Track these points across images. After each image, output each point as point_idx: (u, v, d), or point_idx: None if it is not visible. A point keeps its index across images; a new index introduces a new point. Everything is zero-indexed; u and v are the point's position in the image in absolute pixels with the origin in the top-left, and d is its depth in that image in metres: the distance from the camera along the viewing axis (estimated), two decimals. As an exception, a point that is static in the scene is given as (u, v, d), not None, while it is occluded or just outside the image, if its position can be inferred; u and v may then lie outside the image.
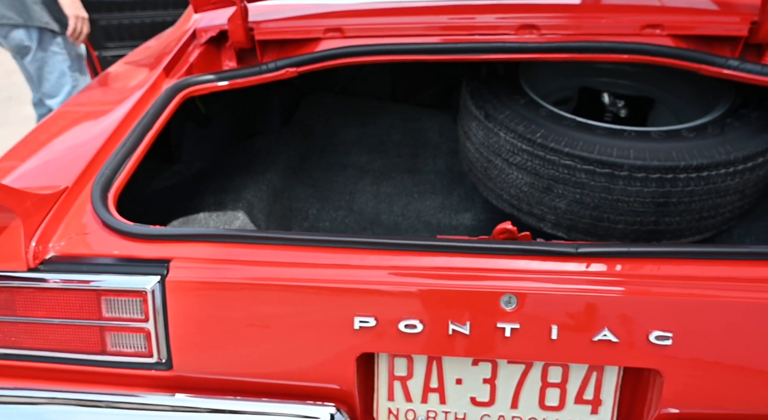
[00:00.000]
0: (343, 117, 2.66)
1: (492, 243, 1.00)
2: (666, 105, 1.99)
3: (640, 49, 1.45)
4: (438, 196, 2.27)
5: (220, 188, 2.06)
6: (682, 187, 1.44)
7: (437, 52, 1.52)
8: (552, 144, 1.52)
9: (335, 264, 1.01)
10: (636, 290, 0.95)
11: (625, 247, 0.98)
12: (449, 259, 1.00)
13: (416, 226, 2.16)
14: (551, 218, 1.66)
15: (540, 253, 0.99)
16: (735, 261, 1.00)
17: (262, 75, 1.61)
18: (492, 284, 0.97)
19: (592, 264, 0.98)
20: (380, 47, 1.55)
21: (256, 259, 1.03)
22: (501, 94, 1.72)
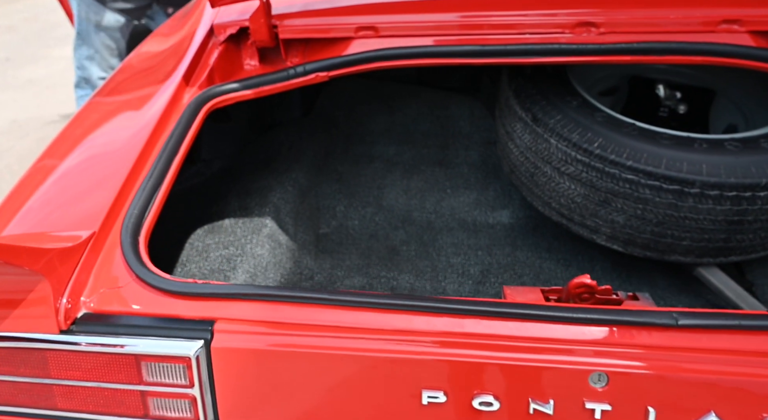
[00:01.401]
0: (367, 105, 2.50)
1: (576, 312, 0.89)
2: (728, 97, 1.82)
3: (716, 50, 1.28)
4: (472, 192, 2.14)
5: (244, 190, 1.95)
6: (761, 204, 1.30)
7: (484, 54, 1.36)
8: (612, 156, 1.38)
9: (400, 329, 0.91)
10: (747, 370, 0.84)
11: (734, 318, 0.86)
12: (527, 326, 0.89)
13: (450, 225, 2.05)
14: (606, 231, 1.54)
15: (633, 324, 0.88)
16: None
17: (290, 81, 1.47)
18: (579, 359, 0.86)
19: (694, 337, 0.87)
20: (421, 50, 1.39)
21: (310, 321, 0.93)
22: (550, 95, 1.57)
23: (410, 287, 1.79)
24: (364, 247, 1.97)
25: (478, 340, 0.89)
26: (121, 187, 1.14)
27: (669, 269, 1.69)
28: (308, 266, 1.86)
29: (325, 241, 2.02)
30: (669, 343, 0.87)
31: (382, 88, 2.55)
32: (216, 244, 1.71)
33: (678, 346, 0.86)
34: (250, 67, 1.61)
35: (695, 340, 0.86)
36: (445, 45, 1.38)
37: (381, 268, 1.87)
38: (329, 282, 1.81)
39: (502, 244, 1.93)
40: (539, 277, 1.79)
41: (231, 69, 1.59)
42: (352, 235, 2.03)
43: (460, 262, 1.88)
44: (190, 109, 1.33)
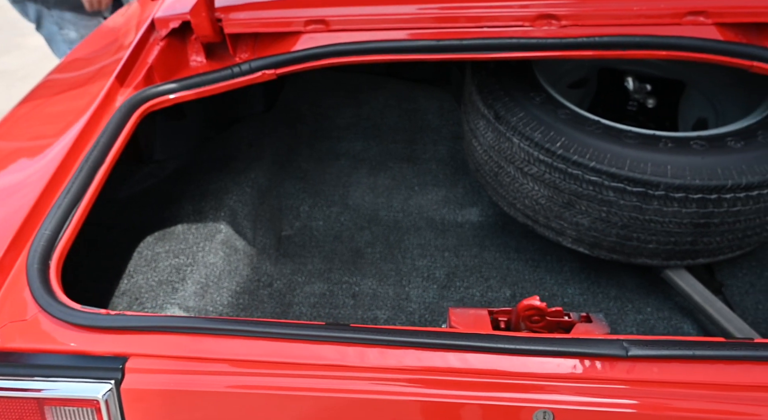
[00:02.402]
0: (334, 97, 2.40)
1: (517, 342, 0.82)
2: (699, 89, 1.75)
3: (680, 45, 1.21)
4: (441, 189, 2.07)
5: (199, 193, 1.85)
6: (727, 207, 1.25)
7: (440, 50, 1.27)
8: (575, 157, 1.31)
9: (331, 363, 0.83)
10: (702, 405, 0.78)
11: (689, 348, 0.80)
12: (464, 358, 0.82)
13: (418, 224, 1.98)
14: (572, 234, 1.48)
15: (580, 355, 0.81)
16: None
17: (235, 79, 1.37)
18: (522, 396, 0.79)
19: (645, 368, 0.80)
20: (373, 46, 1.29)
21: (235, 356, 0.85)
22: (513, 91, 1.49)
23: (373, 293, 1.72)
24: (328, 249, 1.90)
25: (411, 374, 0.82)
26: (34, 204, 1.03)
27: (638, 270, 1.64)
28: (267, 272, 1.78)
29: (287, 243, 1.94)
30: (619, 376, 0.80)
31: (348, 79, 2.45)
32: (166, 252, 1.62)
33: (629, 378, 0.80)
34: (196, 63, 1.50)
35: (647, 371, 0.80)
36: (399, 40, 1.29)
37: (344, 273, 1.79)
38: (288, 289, 1.73)
39: (469, 244, 1.87)
40: (506, 279, 1.73)
41: (175, 66, 1.48)
42: (315, 237, 1.95)
43: (426, 265, 1.81)
44: (120, 113, 1.22)
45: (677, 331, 1.48)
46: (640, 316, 1.55)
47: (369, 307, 1.66)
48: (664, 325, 1.50)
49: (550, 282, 1.70)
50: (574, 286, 1.67)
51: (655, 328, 1.51)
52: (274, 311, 1.65)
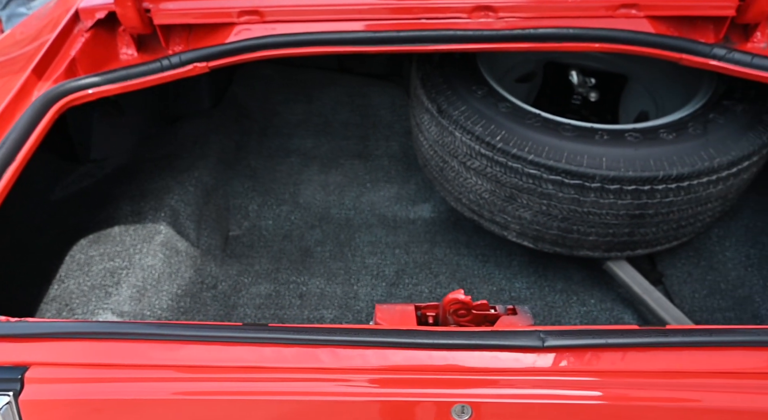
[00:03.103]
0: (284, 93, 2.35)
1: (434, 336, 0.80)
2: (641, 82, 1.78)
3: (612, 37, 1.21)
4: (393, 185, 2.05)
5: (139, 193, 1.78)
6: (660, 198, 1.27)
7: (375, 42, 1.25)
8: (514, 150, 1.31)
9: (247, 365, 0.79)
10: (615, 392, 0.78)
11: (602, 337, 0.80)
12: (381, 354, 0.79)
13: (370, 221, 1.96)
14: (516, 228, 1.48)
15: (497, 347, 0.80)
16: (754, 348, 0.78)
17: (165, 72, 1.31)
18: (439, 391, 0.78)
19: (561, 358, 0.80)
20: (307, 37, 1.26)
21: (147, 361, 0.80)
22: (456, 84, 1.48)
23: (320, 293, 1.68)
24: (277, 249, 1.85)
25: (328, 373, 0.79)
26: None
27: (584, 263, 1.65)
28: (212, 274, 1.72)
29: (234, 244, 1.88)
30: (536, 366, 0.79)
31: (299, 75, 2.40)
32: (100, 255, 1.55)
33: (545, 368, 0.79)
34: (127, 56, 1.44)
35: (563, 361, 0.80)
36: (334, 32, 1.25)
37: (291, 273, 1.75)
38: (234, 291, 1.68)
39: (420, 240, 1.86)
40: (455, 275, 1.73)
41: (103, 59, 1.41)
42: (264, 237, 1.90)
43: (376, 263, 1.78)
44: (34, 108, 1.15)
45: (618, 321, 1.50)
46: (584, 308, 1.56)
47: (316, 307, 1.63)
48: (606, 316, 1.52)
49: (499, 276, 1.70)
50: (522, 280, 1.68)
51: (597, 319, 1.53)
52: (218, 313, 1.60)
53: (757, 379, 0.77)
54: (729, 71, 1.22)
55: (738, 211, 1.60)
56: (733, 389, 0.77)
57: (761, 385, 0.77)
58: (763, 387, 0.77)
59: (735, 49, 1.22)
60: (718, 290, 1.47)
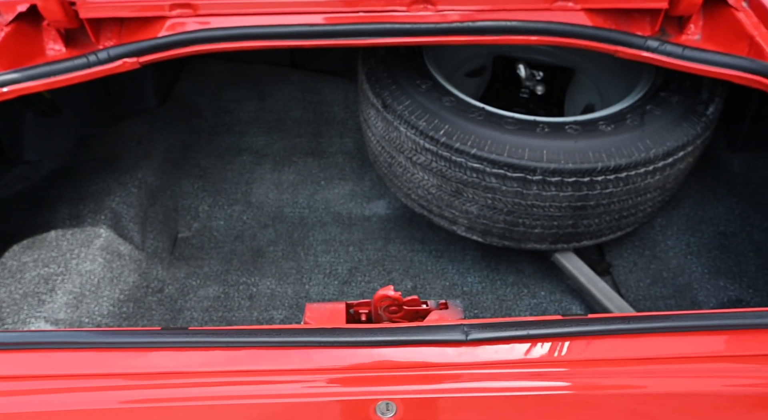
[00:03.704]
0: (235, 89, 2.29)
1: (354, 334, 0.78)
2: (587, 75, 1.81)
3: (549, 30, 1.22)
4: (348, 182, 2.02)
5: (78, 195, 1.71)
6: (600, 189, 1.28)
7: (311, 36, 1.22)
8: (457, 144, 1.30)
9: (160, 372, 0.76)
10: (541, 384, 0.78)
11: (525, 328, 0.80)
12: (304, 354, 0.77)
13: (324, 220, 1.93)
14: (464, 222, 1.48)
15: (420, 342, 0.79)
16: (677, 333, 0.79)
17: (91, 69, 1.25)
18: (361, 389, 0.77)
19: (485, 352, 0.79)
20: (240, 32, 1.22)
21: (58, 371, 0.76)
22: (400, 79, 1.46)
23: (271, 293, 1.65)
24: (227, 250, 1.81)
25: (250, 376, 0.77)
26: None
27: (536, 255, 1.67)
28: (158, 277, 1.66)
29: (183, 246, 1.83)
30: (459, 360, 0.79)
31: (251, 71, 2.35)
32: (34, 261, 1.48)
33: (468, 362, 0.79)
34: (54, 52, 1.37)
35: (486, 353, 0.79)
36: (268, 26, 1.22)
37: (242, 274, 1.71)
38: (181, 294, 1.63)
39: (375, 237, 1.84)
40: (408, 271, 1.72)
41: (27, 55, 1.34)
42: (215, 238, 1.85)
43: (329, 261, 1.76)
44: None
45: (566, 312, 1.52)
46: (534, 300, 1.58)
47: (266, 308, 1.60)
48: (555, 308, 1.54)
49: (452, 271, 1.70)
50: (474, 274, 1.68)
51: (547, 310, 1.54)
52: (163, 318, 1.55)
53: (672, 364, 0.78)
54: (661, 63, 1.24)
55: (680, 201, 1.64)
56: (651, 374, 0.78)
57: (677, 370, 0.78)
58: (678, 371, 0.78)
59: (667, 42, 1.25)
60: (661, 279, 1.51)
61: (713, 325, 0.78)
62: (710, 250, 1.50)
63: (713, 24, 1.33)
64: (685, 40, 1.34)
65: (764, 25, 1.25)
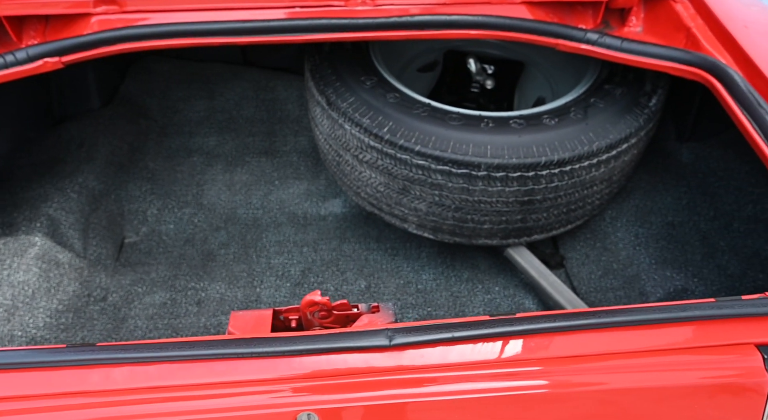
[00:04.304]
0: (184, 89, 2.22)
1: (277, 344, 0.75)
2: (538, 68, 1.80)
3: (488, 23, 1.20)
4: (302, 182, 1.98)
5: (12, 202, 1.62)
6: (545, 183, 1.27)
7: (243, 33, 1.17)
8: (401, 141, 1.28)
9: (65, 392, 0.71)
10: (469, 387, 0.76)
11: (449, 330, 0.77)
12: (217, 367, 0.73)
13: (279, 220, 1.88)
14: (414, 220, 1.45)
15: (342, 350, 0.76)
16: (604, 329, 0.78)
17: (8, 70, 1.18)
18: (279, 401, 0.73)
19: (409, 357, 0.77)
20: (168, 29, 1.17)
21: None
22: (345, 75, 1.43)
23: (220, 298, 1.60)
24: (177, 254, 1.75)
25: (161, 393, 0.72)
26: None
27: (491, 250, 1.66)
28: (101, 285, 1.60)
29: (130, 251, 1.76)
30: (383, 366, 0.76)
31: (200, 69, 2.27)
32: (-38, 274, 1.40)
33: (392, 367, 0.76)
34: (-30, 51, 1.28)
35: (410, 358, 0.77)
36: (197, 22, 1.17)
37: (191, 279, 1.66)
38: (125, 302, 1.57)
39: (330, 237, 1.80)
40: (363, 271, 1.69)
41: (-56, 56, 1.25)
42: (164, 242, 1.79)
43: (282, 263, 1.72)
44: None
45: (519, 307, 1.51)
46: (488, 295, 1.57)
47: (214, 313, 1.55)
48: (508, 303, 1.53)
49: (407, 269, 1.68)
50: (429, 271, 1.66)
51: (500, 306, 1.53)
52: (105, 328, 1.49)
53: (599, 361, 0.77)
54: (601, 55, 1.24)
55: (630, 192, 1.66)
56: (575, 373, 0.77)
57: (608, 367, 0.78)
58: (608, 368, 0.78)
59: (607, 34, 1.24)
60: (611, 270, 1.52)
61: (632, 320, 0.78)
62: (658, 241, 1.51)
63: (654, 16, 1.34)
64: (627, 32, 1.34)
65: (701, 17, 1.26)
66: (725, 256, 1.43)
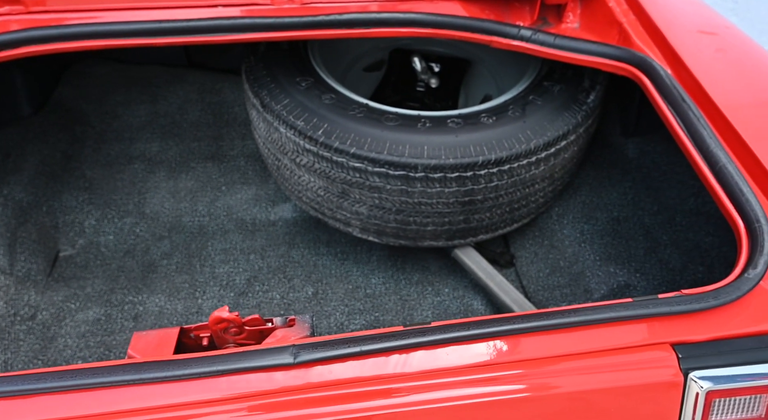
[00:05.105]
0: (124, 93, 2.13)
1: (172, 368, 0.70)
2: (484, 66, 1.79)
3: (420, 21, 1.17)
4: (251, 187, 1.92)
5: None
6: (485, 183, 1.25)
7: (157, 33, 1.11)
8: (336, 143, 1.24)
9: None
10: (381, 403, 0.72)
11: (359, 344, 0.73)
12: (102, 397, 0.67)
13: (226, 227, 1.82)
14: (357, 224, 1.42)
15: (243, 370, 0.72)
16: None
17: None
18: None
19: (315, 374, 0.73)
20: (76, 30, 1.10)
21: None
22: (279, 76, 1.38)
23: (159, 311, 1.53)
24: (116, 267, 1.66)
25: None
26: None
27: (442, 252, 1.63)
28: (30, 303, 1.51)
29: (65, 265, 1.67)
30: (288, 385, 0.72)
31: (142, 72, 2.19)
32: None
33: (297, 386, 0.72)
34: None
35: (316, 375, 0.73)
36: (107, 23, 1.10)
37: (129, 292, 1.58)
38: (56, 319, 1.48)
39: (278, 243, 1.75)
40: (311, 277, 1.64)
41: None
42: (103, 254, 1.70)
43: (227, 272, 1.66)
44: None
45: (468, 308, 1.49)
46: (438, 298, 1.54)
47: (151, 327, 1.48)
48: (457, 305, 1.51)
49: (356, 274, 1.64)
50: (379, 275, 1.63)
51: (449, 308, 1.51)
52: (32, 349, 1.40)
53: (510, 369, 0.75)
54: (535, 52, 1.22)
55: (577, 188, 1.65)
56: (488, 383, 0.74)
57: (519, 375, 0.75)
58: (519, 376, 0.75)
59: (541, 31, 1.23)
60: (558, 268, 1.51)
61: (544, 325, 0.76)
62: (603, 237, 1.51)
63: (590, 12, 1.33)
64: (565, 28, 1.33)
65: (633, 12, 1.26)
66: (667, 250, 1.44)
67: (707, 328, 0.77)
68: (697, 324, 0.77)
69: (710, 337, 0.76)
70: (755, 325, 0.77)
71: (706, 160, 0.95)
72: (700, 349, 0.75)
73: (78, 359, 1.38)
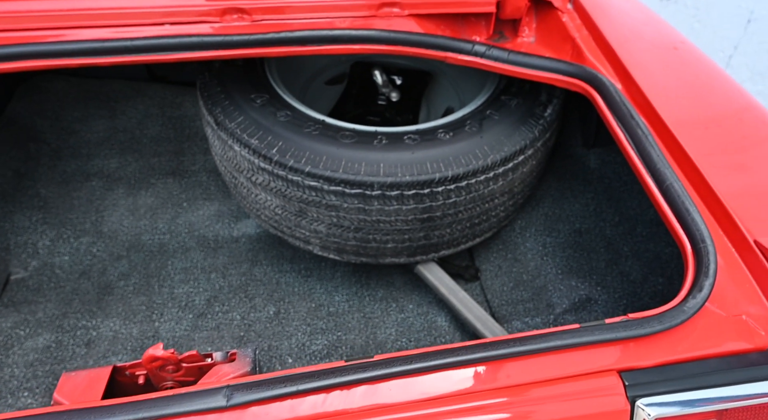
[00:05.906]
0: (81, 108, 2.07)
1: (91, 416, 0.66)
2: (446, 78, 1.78)
3: (373, 37, 1.16)
4: (213, 202, 1.88)
5: None
6: (443, 200, 1.24)
7: (105, 52, 1.08)
8: (291, 162, 1.21)
9: None
10: None
11: (294, 384, 0.71)
12: None
13: (187, 245, 1.77)
14: (317, 242, 1.39)
15: (170, 416, 0.68)
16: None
17: None
18: None
19: (252, 416, 0.70)
20: (16, 50, 1.05)
21: None
22: (234, 93, 1.35)
23: (113, 336, 1.48)
24: (70, 289, 1.60)
25: None
26: None
27: (406, 266, 1.61)
28: (-24, 331, 1.44)
29: (16, 289, 1.60)
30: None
31: (100, 86, 2.13)
32: None
33: None
34: None
35: (254, 418, 0.71)
36: (50, 42, 1.06)
37: (82, 317, 1.52)
38: (3, 347, 1.42)
39: (241, 260, 1.71)
40: (273, 295, 1.61)
41: None
42: (57, 276, 1.64)
43: (186, 292, 1.61)
44: None
45: (431, 325, 1.47)
46: (401, 314, 1.52)
47: (104, 354, 1.42)
48: (421, 321, 1.49)
49: (319, 291, 1.61)
50: (343, 292, 1.60)
51: (413, 325, 1.49)
52: (-24, 381, 1.33)
53: (450, 404, 0.73)
54: (489, 68, 1.22)
55: (540, 200, 1.66)
56: (430, 418, 0.72)
57: (464, 409, 0.73)
58: (463, 410, 0.73)
59: (495, 46, 1.23)
60: (521, 282, 1.50)
61: (489, 356, 0.74)
62: (565, 249, 1.51)
63: (545, 27, 1.34)
64: (521, 43, 1.33)
65: (585, 27, 1.27)
66: (628, 261, 1.45)
67: (653, 353, 0.76)
68: (643, 349, 0.76)
69: (656, 363, 0.76)
70: (701, 349, 0.77)
71: (653, 178, 0.95)
72: (646, 376, 0.74)
73: (24, 390, 1.32)
